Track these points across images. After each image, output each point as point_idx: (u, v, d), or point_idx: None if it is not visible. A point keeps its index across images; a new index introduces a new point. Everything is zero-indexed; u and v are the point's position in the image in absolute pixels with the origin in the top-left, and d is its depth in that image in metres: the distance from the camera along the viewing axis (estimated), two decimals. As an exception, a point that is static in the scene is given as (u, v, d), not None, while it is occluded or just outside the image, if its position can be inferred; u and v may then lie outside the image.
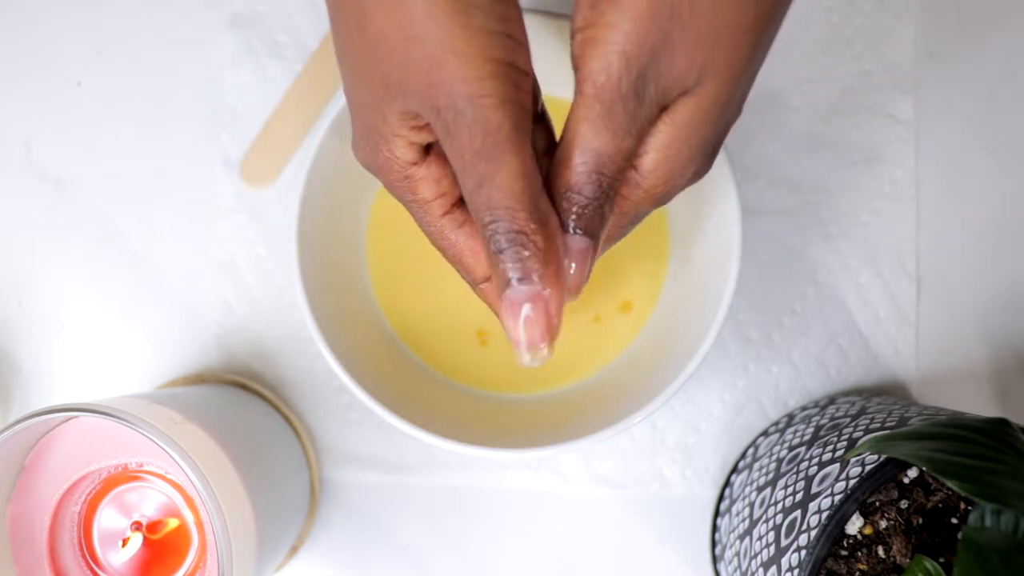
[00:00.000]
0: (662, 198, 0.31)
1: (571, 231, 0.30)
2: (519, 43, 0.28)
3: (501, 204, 0.28)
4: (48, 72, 0.54)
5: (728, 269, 0.45)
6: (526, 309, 0.29)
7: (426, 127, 0.29)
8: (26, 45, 0.54)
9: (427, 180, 0.31)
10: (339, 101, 0.45)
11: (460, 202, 0.31)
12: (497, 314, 0.31)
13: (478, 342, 0.51)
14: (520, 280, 0.29)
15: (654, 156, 0.30)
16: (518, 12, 0.28)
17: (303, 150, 0.53)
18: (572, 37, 0.29)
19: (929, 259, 0.53)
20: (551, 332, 0.30)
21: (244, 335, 0.53)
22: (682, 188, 0.32)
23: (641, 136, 0.29)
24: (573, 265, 0.30)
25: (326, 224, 0.48)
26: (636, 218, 0.32)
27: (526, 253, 0.28)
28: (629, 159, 0.29)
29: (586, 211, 0.29)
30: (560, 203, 0.30)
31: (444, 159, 0.30)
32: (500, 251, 0.28)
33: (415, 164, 0.30)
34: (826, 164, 0.53)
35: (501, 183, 0.28)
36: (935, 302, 0.53)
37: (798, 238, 0.53)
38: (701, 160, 0.31)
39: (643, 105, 0.28)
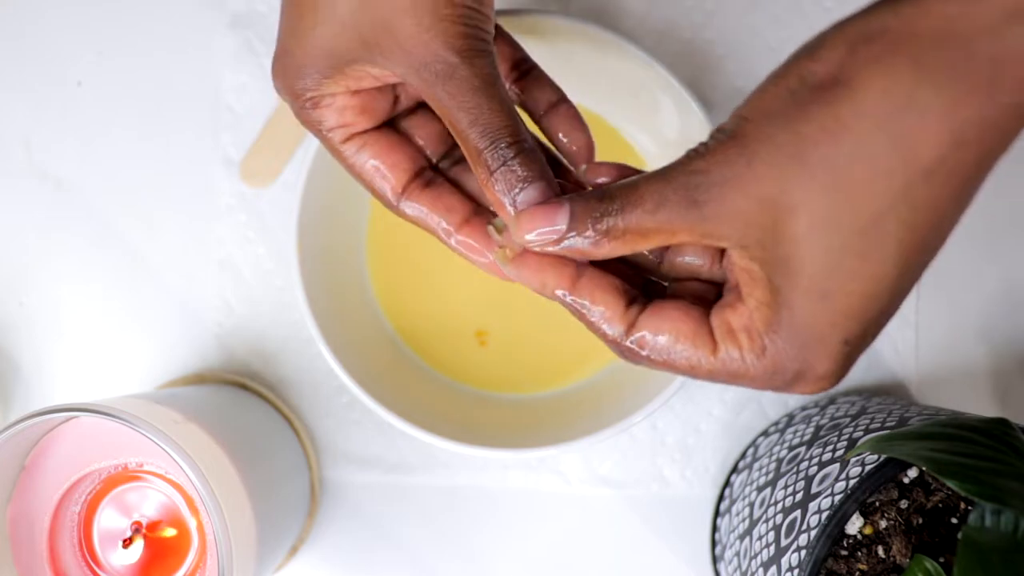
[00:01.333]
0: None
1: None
2: (479, 10, 0.33)
3: (498, 124, 0.32)
4: (48, 72, 0.54)
5: (728, 269, 0.45)
6: (538, 201, 0.32)
7: (366, 80, 0.34)
8: (26, 45, 0.54)
9: (332, 108, 0.35)
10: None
11: (362, 134, 0.35)
12: (425, 220, 0.35)
13: (478, 342, 0.51)
14: (529, 182, 0.32)
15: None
16: None
17: (303, 150, 0.53)
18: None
19: (929, 259, 0.53)
20: (560, 231, 0.32)
21: (244, 335, 0.53)
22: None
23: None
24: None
25: (326, 224, 0.48)
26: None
27: (525, 154, 0.32)
28: (654, 231, 0.31)
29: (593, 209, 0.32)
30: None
31: (355, 95, 0.35)
32: (507, 164, 0.32)
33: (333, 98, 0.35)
34: (826, 164, 0.53)
35: (494, 112, 0.32)
36: (935, 302, 0.53)
37: (798, 238, 0.53)
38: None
39: (703, 223, 0.30)
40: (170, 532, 0.43)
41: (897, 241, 0.28)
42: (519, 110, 0.36)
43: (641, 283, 0.34)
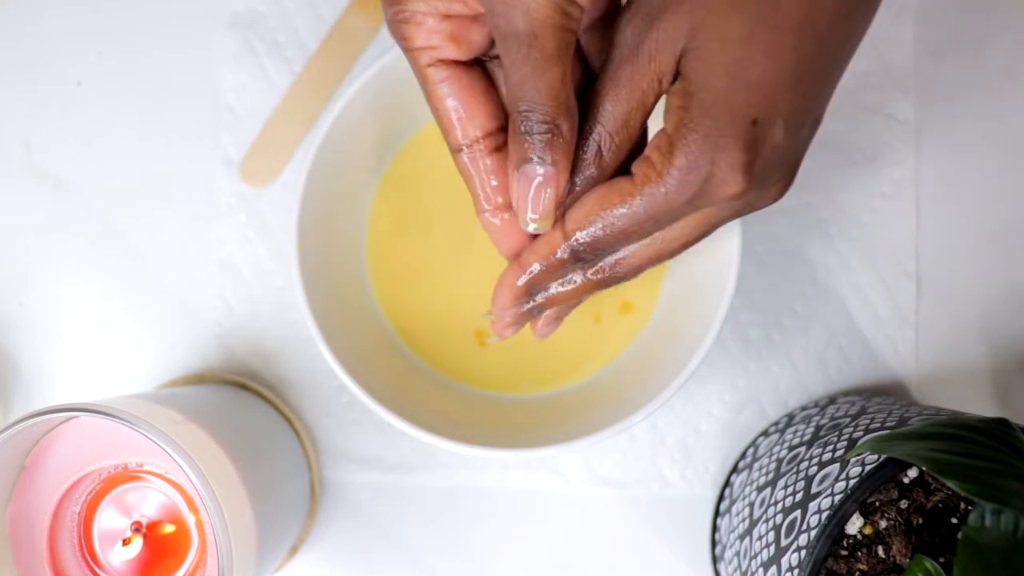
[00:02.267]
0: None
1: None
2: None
3: (538, 100, 0.32)
4: (48, 72, 0.54)
5: (728, 269, 0.45)
6: (538, 179, 0.33)
7: (456, 4, 0.33)
8: (26, 45, 0.54)
9: (423, 27, 0.34)
10: (339, 101, 0.45)
11: (450, 64, 0.35)
12: (472, 182, 0.36)
13: (477, 342, 0.51)
14: (539, 161, 0.32)
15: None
16: None
17: (303, 150, 0.53)
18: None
19: (929, 259, 0.53)
20: (553, 207, 0.33)
21: (244, 335, 0.53)
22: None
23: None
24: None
25: (326, 224, 0.48)
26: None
27: (552, 139, 0.32)
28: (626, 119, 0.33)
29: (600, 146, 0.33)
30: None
31: (447, 20, 0.34)
32: (529, 133, 0.32)
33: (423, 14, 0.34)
34: (826, 164, 0.53)
35: (540, 86, 0.32)
36: (935, 302, 0.53)
37: (798, 238, 0.53)
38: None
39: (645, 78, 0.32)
40: (169, 528, 0.43)
41: (795, 20, 0.30)
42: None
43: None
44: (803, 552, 0.39)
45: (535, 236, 0.35)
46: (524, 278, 0.36)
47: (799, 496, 0.42)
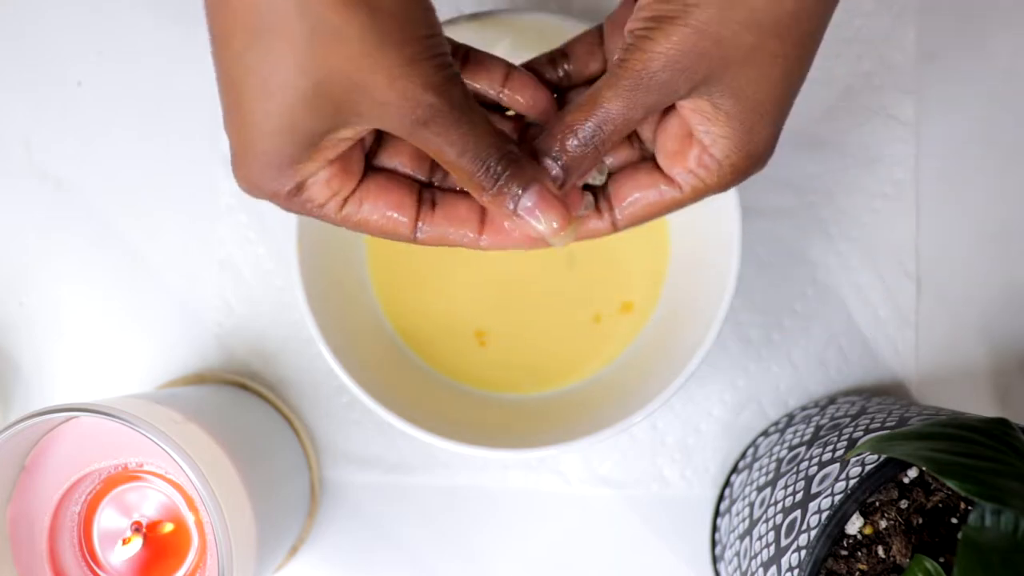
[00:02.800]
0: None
1: (551, 159, 0.35)
2: (437, 32, 0.32)
3: (483, 148, 0.33)
4: (48, 72, 0.54)
5: (728, 269, 0.45)
6: (530, 206, 0.34)
7: (342, 144, 0.33)
8: (26, 45, 0.54)
9: (317, 185, 0.34)
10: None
11: (354, 192, 0.35)
12: (447, 243, 0.36)
13: (478, 342, 0.51)
14: (524, 189, 0.33)
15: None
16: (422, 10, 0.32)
17: (303, 150, 0.53)
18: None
19: (929, 259, 0.53)
20: (566, 214, 0.34)
21: (244, 335, 0.53)
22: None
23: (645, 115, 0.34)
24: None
25: (326, 224, 0.47)
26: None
27: (515, 168, 0.33)
28: (628, 128, 0.34)
29: (573, 149, 0.34)
30: (556, 136, 0.35)
31: (330, 164, 0.33)
32: (498, 177, 0.33)
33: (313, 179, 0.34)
34: (826, 164, 0.53)
35: (479, 137, 0.33)
36: (935, 302, 0.53)
37: (798, 238, 0.53)
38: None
39: (658, 98, 0.33)
40: (169, 528, 0.43)
41: (802, 45, 0.33)
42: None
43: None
44: (803, 552, 0.39)
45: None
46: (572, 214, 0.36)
47: (799, 496, 0.42)
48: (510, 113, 0.38)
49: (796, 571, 0.39)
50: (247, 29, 0.30)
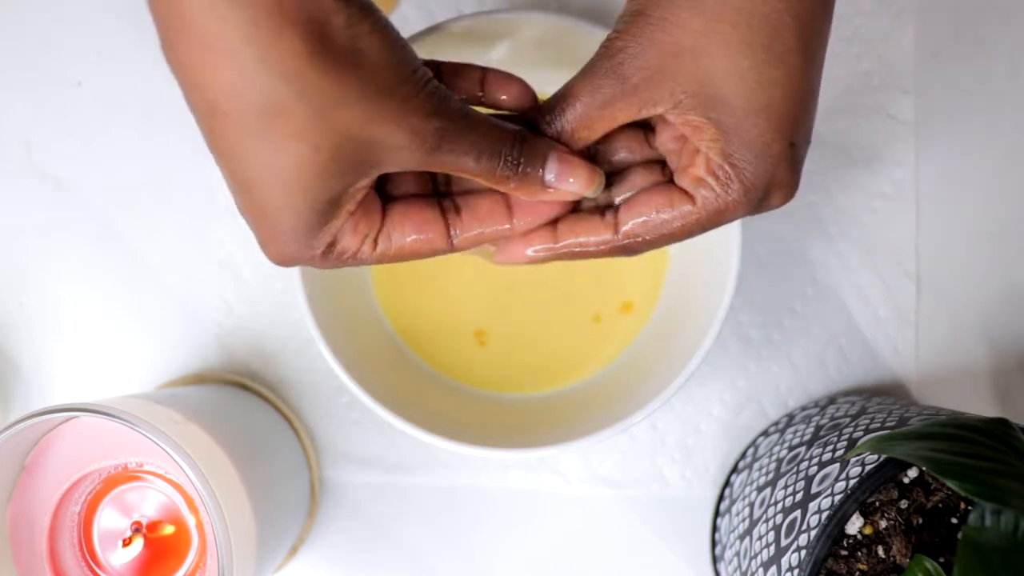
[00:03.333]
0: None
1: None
2: (419, 64, 0.32)
3: (494, 141, 0.34)
4: (48, 72, 0.54)
5: (728, 269, 0.45)
6: (554, 170, 0.35)
7: (360, 193, 0.33)
8: (26, 45, 0.54)
9: (346, 236, 0.34)
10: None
11: (381, 228, 0.35)
12: (486, 240, 0.36)
13: (478, 342, 0.51)
14: (544, 162, 0.34)
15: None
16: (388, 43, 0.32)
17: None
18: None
19: (929, 259, 0.53)
20: (590, 166, 0.35)
21: (244, 335, 0.53)
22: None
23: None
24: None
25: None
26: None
27: (525, 146, 0.34)
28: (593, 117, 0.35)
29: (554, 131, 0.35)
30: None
31: (352, 213, 0.34)
32: (517, 164, 0.34)
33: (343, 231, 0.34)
34: (826, 164, 0.53)
35: (486, 135, 0.34)
36: (935, 302, 0.53)
37: (798, 238, 0.53)
38: None
39: (620, 88, 0.34)
40: (169, 528, 0.43)
41: (798, 52, 0.33)
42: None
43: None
44: (803, 552, 0.39)
45: (574, 210, 0.37)
46: (554, 247, 0.36)
47: (799, 496, 0.42)
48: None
49: (796, 571, 0.39)
50: (242, 123, 0.30)
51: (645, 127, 0.37)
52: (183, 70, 0.31)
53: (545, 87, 0.50)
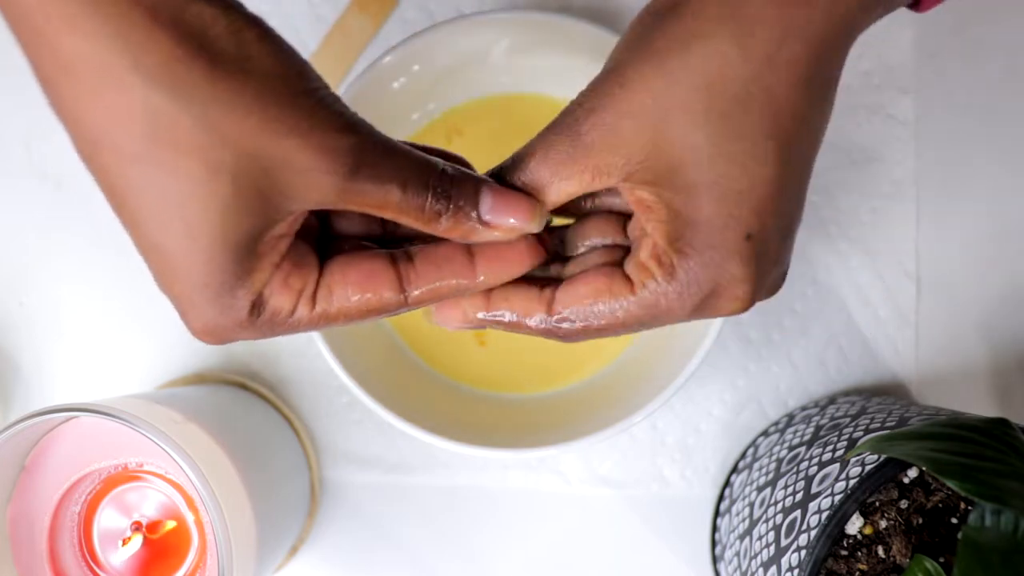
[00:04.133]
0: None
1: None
2: (325, 85, 0.29)
3: (422, 170, 0.30)
4: (48, 72, 0.54)
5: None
6: (488, 202, 0.31)
7: (282, 241, 0.30)
8: (26, 45, 0.54)
9: (280, 297, 0.30)
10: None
11: (318, 285, 0.31)
12: (444, 293, 0.32)
13: (477, 342, 0.51)
14: (477, 195, 0.31)
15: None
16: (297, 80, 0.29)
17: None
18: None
19: (929, 259, 0.53)
20: (527, 198, 0.32)
21: (244, 335, 0.53)
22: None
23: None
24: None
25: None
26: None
27: (460, 177, 0.31)
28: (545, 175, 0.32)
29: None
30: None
31: (282, 259, 0.30)
32: (448, 196, 0.30)
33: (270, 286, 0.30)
34: (826, 164, 0.53)
35: (412, 163, 0.30)
36: (935, 302, 0.53)
37: (798, 238, 0.53)
38: None
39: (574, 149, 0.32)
40: (170, 524, 0.43)
41: (764, 129, 0.30)
42: None
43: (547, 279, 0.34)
44: (803, 552, 0.39)
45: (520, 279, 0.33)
46: (485, 316, 0.33)
47: (799, 496, 0.42)
48: None
49: (796, 571, 0.39)
50: (127, 151, 0.27)
51: (625, 216, 0.34)
52: (61, 105, 0.28)
53: (545, 87, 0.50)
